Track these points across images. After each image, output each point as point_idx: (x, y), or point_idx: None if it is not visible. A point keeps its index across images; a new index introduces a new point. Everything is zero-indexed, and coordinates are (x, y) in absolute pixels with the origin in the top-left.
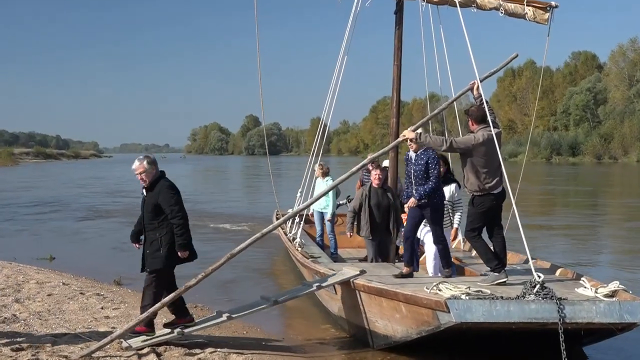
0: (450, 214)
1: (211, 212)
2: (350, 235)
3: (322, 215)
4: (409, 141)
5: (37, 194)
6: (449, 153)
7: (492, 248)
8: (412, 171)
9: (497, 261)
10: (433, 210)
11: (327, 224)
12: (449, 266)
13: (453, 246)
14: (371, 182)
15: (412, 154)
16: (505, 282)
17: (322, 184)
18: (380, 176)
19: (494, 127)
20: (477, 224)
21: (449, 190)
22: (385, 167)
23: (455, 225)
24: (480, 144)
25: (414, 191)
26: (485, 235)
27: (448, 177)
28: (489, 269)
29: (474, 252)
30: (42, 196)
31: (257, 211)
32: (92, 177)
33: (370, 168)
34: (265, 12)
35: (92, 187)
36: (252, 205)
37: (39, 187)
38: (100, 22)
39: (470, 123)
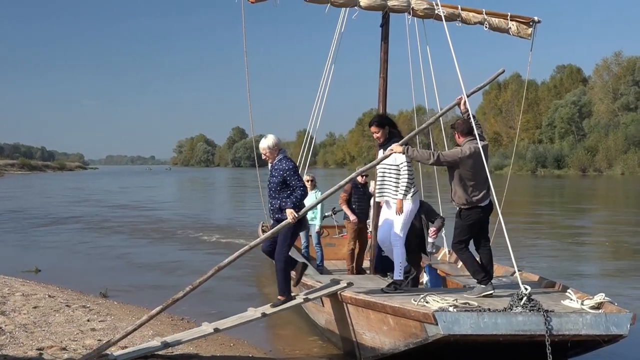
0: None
1: (198, 224)
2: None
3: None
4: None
5: (18, 204)
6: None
7: (478, 260)
8: (268, 182)
9: (484, 273)
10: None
11: (314, 236)
12: (281, 292)
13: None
14: None
15: (270, 164)
16: (491, 294)
17: (311, 196)
18: None
19: (480, 140)
20: (464, 236)
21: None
22: None
23: (399, 197)
24: (467, 157)
25: (269, 204)
26: (472, 247)
27: (394, 135)
28: (475, 281)
29: (459, 264)
30: (24, 207)
31: (244, 223)
32: (76, 188)
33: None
34: (251, 24)
35: (75, 198)
36: (239, 216)
37: (20, 197)
38: (84, 33)
39: (456, 136)
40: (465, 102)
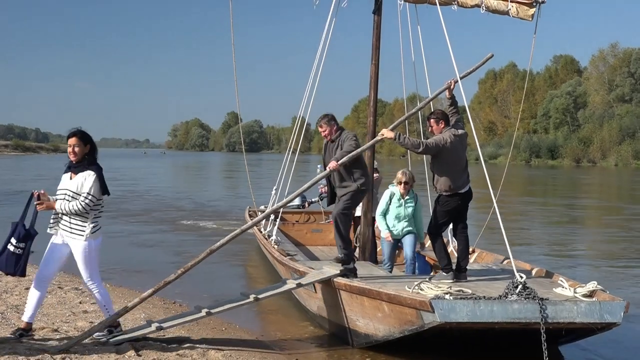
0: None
1: (191, 208)
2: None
3: (395, 244)
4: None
5: (11, 185)
6: None
7: (454, 247)
8: None
9: (447, 261)
10: None
11: (408, 250)
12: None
13: None
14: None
15: None
16: (451, 282)
17: (399, 204)
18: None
19: (458, 129)
20: (440, 221)
21: (82, 177)
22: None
23: (79, 234)
24: (449, 144)
25: None
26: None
27: (90, 160)
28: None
29: (449, 250)
30: (15, 187)
31: (236, 207)
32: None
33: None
34: (245, 12)
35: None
36: (231, 201)
37: (14, 178)
38: (79, 15)
39: (435, 126)
40: (453, 87)
